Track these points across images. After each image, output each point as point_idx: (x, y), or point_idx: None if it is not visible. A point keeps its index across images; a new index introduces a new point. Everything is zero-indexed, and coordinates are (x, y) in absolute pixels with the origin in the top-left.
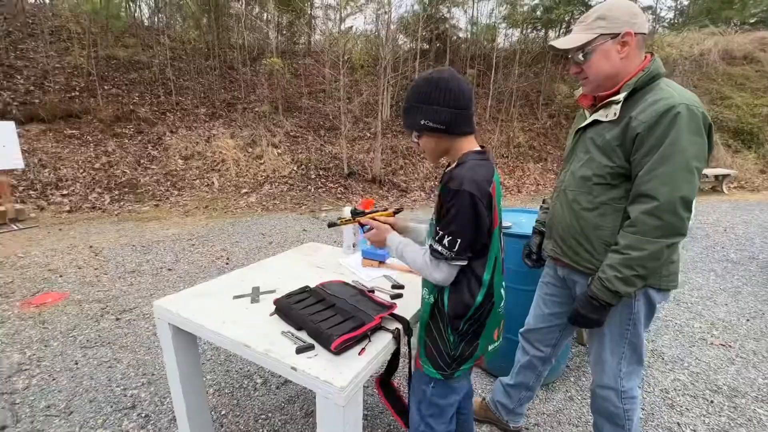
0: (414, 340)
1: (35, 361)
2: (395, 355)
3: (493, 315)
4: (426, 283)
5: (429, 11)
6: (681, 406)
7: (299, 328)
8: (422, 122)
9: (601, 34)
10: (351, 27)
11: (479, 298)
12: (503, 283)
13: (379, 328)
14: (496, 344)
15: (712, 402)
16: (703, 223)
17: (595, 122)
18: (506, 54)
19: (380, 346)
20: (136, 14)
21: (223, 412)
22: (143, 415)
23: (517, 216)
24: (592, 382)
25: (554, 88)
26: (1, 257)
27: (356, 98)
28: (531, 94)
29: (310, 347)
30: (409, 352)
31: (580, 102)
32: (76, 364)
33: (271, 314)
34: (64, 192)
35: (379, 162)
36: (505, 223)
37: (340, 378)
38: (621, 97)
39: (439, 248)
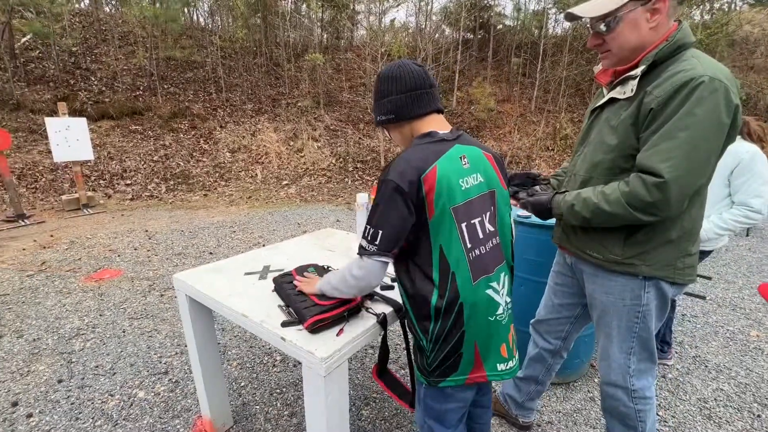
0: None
1: (90, 327)
2: (385, 342)
3: (468, 321)
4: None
5: None
6: (720, 418)
7: (287, 305)
8: (377, 118)
9: (631, 0)
10: (393, 20)
11: (434, 300)
12: (497, 283)
13: (358, 309)
14: (509, 364)
15: (759, 416)
16: None
17: (612, 100)
18: (555, 41)
19: (366, 326)
20: (192, 17)
21: (242, 384)
22: (173, 380)
23: None
24: (599, 379)
25: None
26: (74, 237)
27: None
28: (582, 83)
29: (296, 321)
30: (405, 337)
31: (598, 79)
32: (124, 332)
33: (273, 290)
34: (128, 182)
35: None
36: (523, 213)
37: (323, 349)
38: (638, 71)
39: (363, 242)
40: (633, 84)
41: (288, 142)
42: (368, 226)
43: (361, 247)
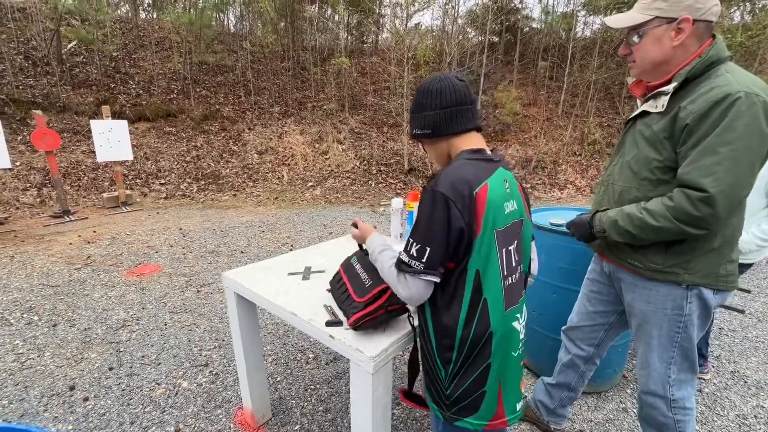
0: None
1: (135, 319)
2: (413, 363)
3: (495, 353)
4: None
5: (499, 2)
6: None
7: (340, 308)
8: (414, 131)
9: (657, 17)
10: (418, 23)
11: (461, 327)
12: (520, 315)
13: (404, 311)
14: (522, 401)
15: None
16: None
17: (645, 113)
18: (584, 44)
19: (408, 328)
20: (224, 23)
21: (278, 379)
22: (214, 372)
23: (574, 214)
24: (638, 388)
25: None
26: (114, 233)
27: None
28: (612, 87)
29: (339, 323)
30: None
31: (631, 90)
32: (165, 325)
33: (328, 290)
34: (162, 181)
35: None
36: (557, 221)
37: (370, 348)
38: (670, 88)
39: (406, 258)
40: (665, 99)
41: (313, 144)
42: (412, 241)
43: (403, 263)
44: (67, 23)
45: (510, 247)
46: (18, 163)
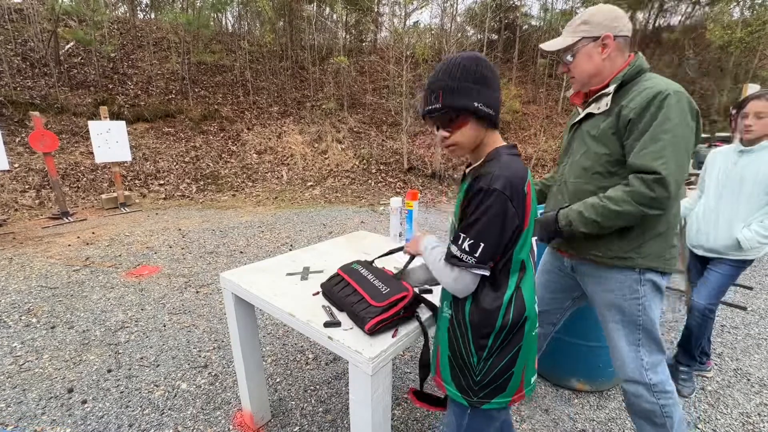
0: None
1: (134, 321)
2: (425, 364)
3: (527, 335)
4: (446, 295)
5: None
6: None
7: (341, 309)
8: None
9: (584, 37)
10: (416, 22)
11: (502, 312)
12: (536, 300)
13: (411, 315)
14: (535, 376)
15: None
16: None
17: (589, 115)
18: None
19: (408, 328)
20: (222, 22)
21: (278, 380)
22: (213, 374)
23: None
24: (618, 377)
25: None
26: (113, 234)
27: (419, 93)
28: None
29: (337, 323)
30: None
31: (572, 101)
32: (164, 326)
33: (314, 294)
34: (161, 182)
35: (439, 157)
36: None
37: (369, 350)
38: (611, 89)
39: (458, 252)
40: (607, 99)
41: (312, 143)
42: (465, 237)
43: (454, 256)
44: (65, 24)
45: (534, 237)
46: (16, 165)
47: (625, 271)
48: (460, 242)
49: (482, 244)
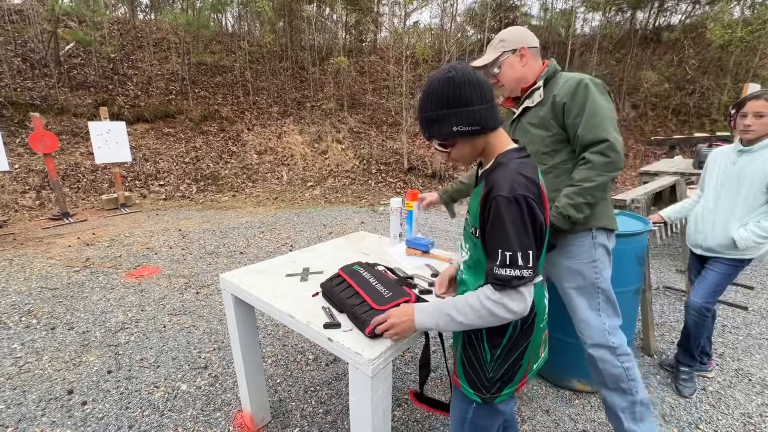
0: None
1: (134, 321)
2: (425, 364)
3: (536, 330)
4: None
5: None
6: None
7: (341, 311)
8: (455, 129)
9: (504, 51)
10: (416, 22)
11: None
12: (545, 292)
13: None
14: (540, 361)
15: None
16: None
17: (526, 109)
18: (584, 41)
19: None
20: (222, 23)
21: (278, 380)
22: (213, 375)
23: None
24: (584, 344)
25: (640, 75)
26: (113, 235)
27: (419, 93)
28: (612, 83)
29: (337, 325)
30: (444, 354)
31: (504, 105)
32: (164, 327)
33: (314, 295)
34: (161, 182)
35: (439, 157)
36: None
37: (369, 351)
38: (540, 83)
39: (516, 272)
40: (540, 92)
41: (312, 144)
42: (512, 252)
43: (515, 278)
44: (65, 25)
45: None
46: (17, 166)
47: (581, 235)
48: (507, 261)
49: (530, 252)
